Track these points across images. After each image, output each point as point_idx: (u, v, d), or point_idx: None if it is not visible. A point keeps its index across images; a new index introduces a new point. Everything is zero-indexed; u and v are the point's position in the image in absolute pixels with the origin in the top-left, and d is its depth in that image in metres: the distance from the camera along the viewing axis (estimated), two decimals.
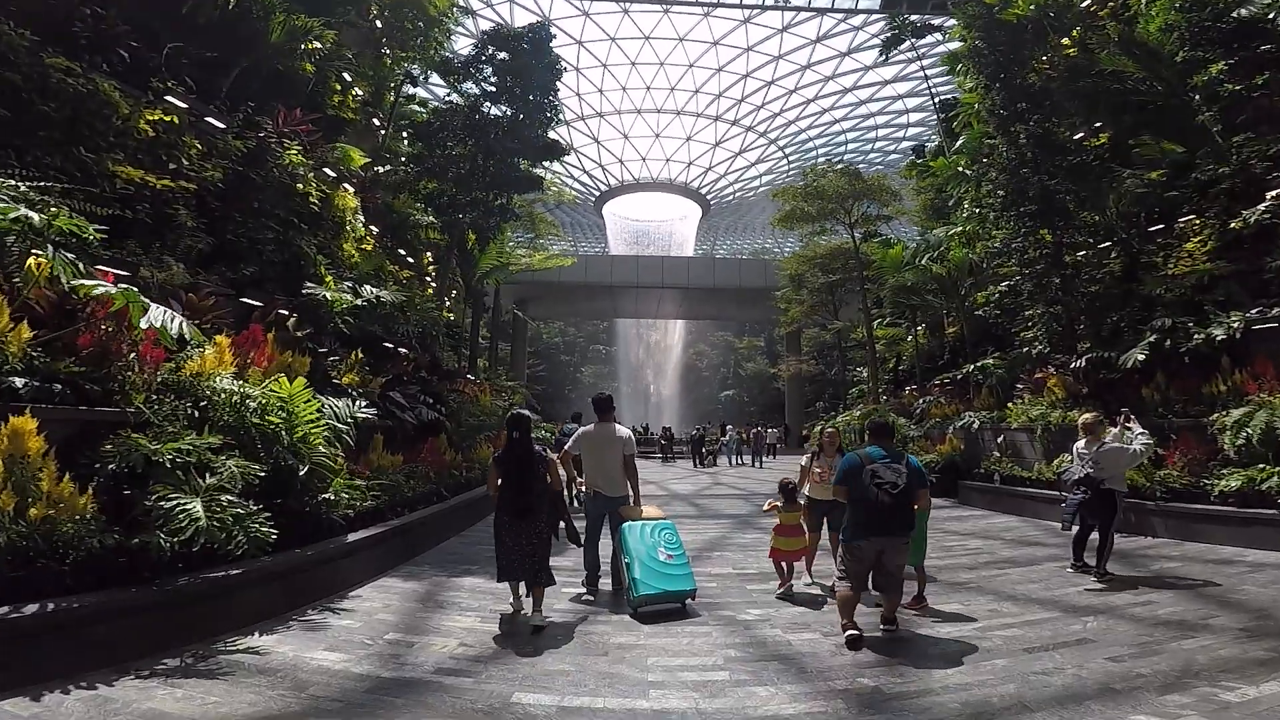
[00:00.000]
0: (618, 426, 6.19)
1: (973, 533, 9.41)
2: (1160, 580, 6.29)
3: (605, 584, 6.19)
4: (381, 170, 15.64)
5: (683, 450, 33.26)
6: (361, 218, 12.32)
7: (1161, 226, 12.40)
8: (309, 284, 8.85)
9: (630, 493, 6.12)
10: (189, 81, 9.70)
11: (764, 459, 26.61)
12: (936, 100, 27.09)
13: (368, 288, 9.51)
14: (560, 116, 17.42)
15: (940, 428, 14.86)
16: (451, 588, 6.28)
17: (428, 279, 17.35)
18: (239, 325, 7.27)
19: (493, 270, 16.77)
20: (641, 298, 45.89)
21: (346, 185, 11.90)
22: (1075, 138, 13.72)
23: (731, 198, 76.12)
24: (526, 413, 5.94)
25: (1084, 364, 10.95)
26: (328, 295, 8.69)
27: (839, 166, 27.27)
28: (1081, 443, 6.46)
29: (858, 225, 25.98)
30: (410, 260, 15.51)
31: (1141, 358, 9.89)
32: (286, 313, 8.26)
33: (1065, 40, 14.10)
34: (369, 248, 12.78)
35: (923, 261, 16.91)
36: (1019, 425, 11.85)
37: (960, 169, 19.70)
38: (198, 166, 8.59)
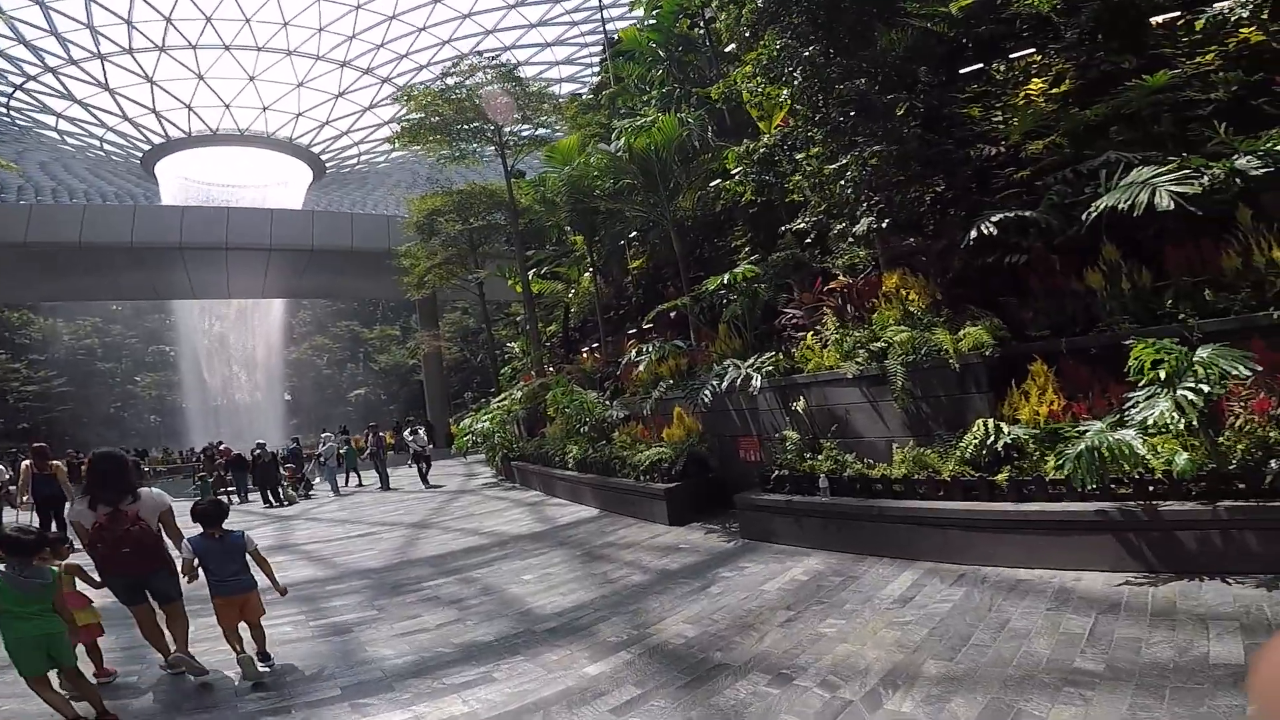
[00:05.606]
0: None
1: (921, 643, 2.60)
2: None
3: None
4: None
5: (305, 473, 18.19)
6: None
7: (978, 67, 8.01)
8: None
9: None
10: None
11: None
12: (609, 34, 22.17)
13: None
14: None
15: (661, 400, 8.33)
16: None
17: None
18: None
19: None
20: (199, 267, 29.94)
21: None
22: None
23: (357, 162, 62.65)
24: None
25: (986, 233, 5.28)
26: None
27: (490, 65, 19.51)
28: None
29: (510, 148, 18.86)
30: None
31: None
32: None
33: None
34: None
35: (609, 152, 10.29)
36: (853, 373, 5.74)
37: (654, 46, 14.50)
38: None
